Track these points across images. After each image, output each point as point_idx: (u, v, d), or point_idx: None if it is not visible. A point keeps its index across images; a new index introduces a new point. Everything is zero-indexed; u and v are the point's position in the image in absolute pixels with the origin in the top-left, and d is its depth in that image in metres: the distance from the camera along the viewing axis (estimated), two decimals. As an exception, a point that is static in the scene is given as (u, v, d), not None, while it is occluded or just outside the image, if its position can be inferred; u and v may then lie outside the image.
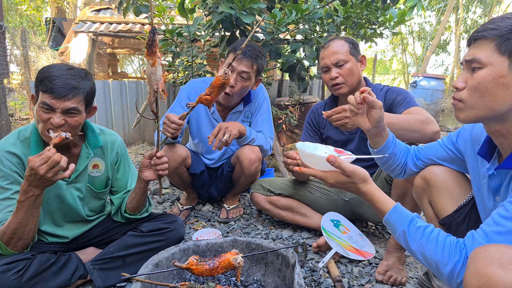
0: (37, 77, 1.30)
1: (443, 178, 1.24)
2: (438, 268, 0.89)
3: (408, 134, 1.52)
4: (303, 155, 1.07)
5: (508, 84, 0.86)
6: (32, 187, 1.18)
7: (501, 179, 0.97)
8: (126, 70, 15.73)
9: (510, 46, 0.85)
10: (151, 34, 1.10)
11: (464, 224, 1.18)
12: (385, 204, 1.00)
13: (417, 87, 7.21)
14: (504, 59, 0.86)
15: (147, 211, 1.66)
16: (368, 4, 2.84)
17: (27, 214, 1.22)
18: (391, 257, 1.54)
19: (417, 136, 1.53)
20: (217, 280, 1.37)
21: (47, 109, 1.28)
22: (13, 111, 6.35)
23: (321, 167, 1.04)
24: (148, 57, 1.15)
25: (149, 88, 1.22)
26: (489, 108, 0.89)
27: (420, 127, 1.53)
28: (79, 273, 1.41)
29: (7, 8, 11.99)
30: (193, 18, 3.00)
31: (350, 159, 1.03)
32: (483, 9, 15.15)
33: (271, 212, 2.03)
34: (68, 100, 1.28)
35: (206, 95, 1.36)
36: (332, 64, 1.79)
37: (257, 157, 2.06)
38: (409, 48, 17.56)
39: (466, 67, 0.94)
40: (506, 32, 0.85)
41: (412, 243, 0.94)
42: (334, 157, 0.98)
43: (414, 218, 0.96)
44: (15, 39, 6.17)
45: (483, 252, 0.76)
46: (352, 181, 1.01)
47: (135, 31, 5.69)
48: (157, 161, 1.41)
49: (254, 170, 2.08)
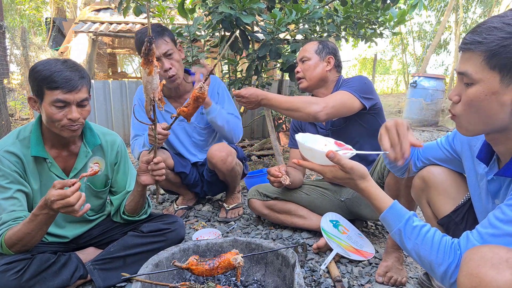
0: (36, 77, 1.28)
1: (442, 178, 1.24)
2: (432, 268, 0.89)
3: (294, 113, 1.69)
4: (302, 148, 1.06)
5: (502, 100, 0.82)
6: (47, 208, 1.18)
7: (500, 183, 0.97)
8: (126, 70, 15.73)
9: (499, 61, 0.80)
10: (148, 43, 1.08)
11: (462, 224, 1.18)
12: (383, 201, 0.99)
13: (417, 87, 7.21)
14: (495, 75, 0.82)
15: (146, 213, 1.66)
16: (368, 4, 2.84)
17: (37, 228, 1.23)
18: (390, 257, 1.54)
19: (302, 115, 1.67)
20: (217, 280, 1.37)
21: (61, 105, 1.29)
22: (13, 111, 6.35)
23: (320, 161, 1.03)
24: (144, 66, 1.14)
25: (146, 97, 1.22)
26: (485, 123, 0.87)
27: (303, 106, 1.66)
28: (79, 273, 1.41)
29: (7, 8, 11.99)
30: (193, 18, 3.00)
31: (349, 154, 1.03)
32: (483, 9, 15.15)
33: (269, 216, 2.04)
34: (80, 91, 1.31)
35: (184, 107, 1.38)
36: (298, 60, 1.98)
37: (227, 153, 2.04)
38: (409, 48, 17.57)
39: (459, 78, 0.91)
40: (494, 47, 0.80)
41: (408, 242, 0.94)
42: (333, 153, 0.98)
43: (411, 217, 0.95)
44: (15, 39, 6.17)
45: (475, 253, 0.77)
46: (350, 177, 1.01)
47: (135, 31, 5.69)
48: (154, 166, 1.42)
49: (230, 166, 2.07)
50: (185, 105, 1.39)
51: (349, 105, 1.72)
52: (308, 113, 1.65)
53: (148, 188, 2.38)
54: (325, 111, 1.65)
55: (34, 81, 1.30)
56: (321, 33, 3.07)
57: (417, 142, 1.01)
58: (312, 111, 1.64)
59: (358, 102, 1.73)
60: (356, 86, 1.76)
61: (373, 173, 1.79)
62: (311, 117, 1.66)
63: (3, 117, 3.68)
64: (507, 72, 0.80)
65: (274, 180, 1.78)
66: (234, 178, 2.21)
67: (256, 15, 2.49)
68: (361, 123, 1.84)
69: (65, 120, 1.31)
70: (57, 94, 1.27)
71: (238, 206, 2.31)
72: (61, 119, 1.31)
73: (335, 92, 1.79)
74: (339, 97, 1.72)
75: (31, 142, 1.38)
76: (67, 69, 1.30)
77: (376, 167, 1.78)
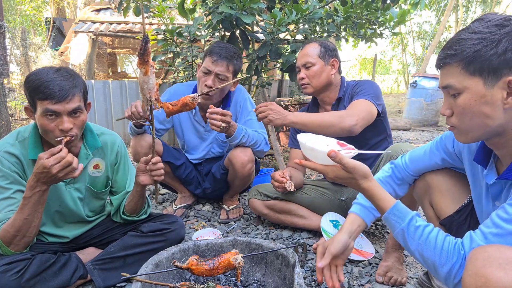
0: (28, 87, 1.27)
1: (444, 179, 1.24)
2: (435, 268, 0.89)
3: (328, 129, 1.62)
4: (304, 148, 1.06)
5: (491, 101, 0.84)
6: (40, 183, 1.19)
7: (501, 186, 0.97)
8: (126, 70, 15.73)
9: (477, 65, 0.83)
10: (143, 43, 1.08)
11: (465, 224, 1.18)
12: (385, 201, 0.99)
13: (417, 87, 7.21)
14: (477, 79, 0.84)
15: (146, 213, 1.66)
16: (368, 4, 2.84)
17: (33, 210, 1.23)
18: (390, 257, 1.54)
19: (336, 130, 1.62)
20: (217, 280, 1.37)
21: (51, 116, 1.27)
22: (13, 111, 6.35)
23: (321, 161, 1.03)
24: (140, 66, 1.14)
25: (142, 97, 1.22)
26: (483, 126, 0.88)
27: (336, 121, 1.62)
28: (79, 273, 1.41)
29: (7, 8, 11.99)
30: (193, 18, 3.00)
31: (352, 153, 1.02)
32: (483, 9, 15.15)
33: (269, 216, 2.04)
34: (70, 101, 1.28)
35: (171, 104, 1.39)
36: (301, 66, 1.92)
37: (249, 159, 2.06)
38: (409, 48, 17.57)
39: (445, 93, 0.93)
40: (467, 54, 0.84)
41: (411, 242, 0.94)
42: (335, 152, 0.97)
43: (414, 217, 0.95)
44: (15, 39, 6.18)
45: (481, 253, 0.76)
46: (352, 177, 1.00)
47: (135, 31, 5.70)
48: (152, 167, 1.42)
49: (247, 172, 2.09)
50: (173, 103, 1.40)
51: (373, 113, 1.74)
52: (343, 128, 1.61)
53: (148, 188, 2.39)
54: (360, 124, 1.64)
55: (26, 91, 1.29)
56: (321, 33, 3.07)
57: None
58: (347, 125, 1.60)
59: (375, 109, 1.75)
60: (372, 93, 1.78)
61: (376, 171, 1.79)
62: (345, 131, 1.62)
63: (3, 117, 3.68)
64: (487, 74, 0.83)
65: (279, 185, 1.78)
66: (243, 184, 2.22)
67: (256, 15, 2.49)
68: (372, 127, 1.82)
69: (57, 130, 1.28)
70: (47, 104, 1.25)
71: (238, 207, 2.31)
72: (53, 130, 1.28)
73: (356, 102, 1.75)
74: (364, 106, 1.71)
75: (29, 145, 1.38)
76: (59, 78, 1.27)
77: (378, 165, 1.78)
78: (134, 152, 2.08)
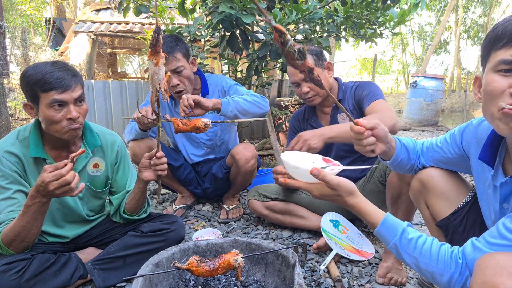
0: (28, 82, 1.27)
1: (440, 181, 1.22)
2: (434, 278, 0.88)
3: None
4: (288, 167, 1.04)
5: None
6: (39, 195, 1.18)
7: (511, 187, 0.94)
8: (126, 70, 15.73)
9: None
10: (155, 33, 1.09)
11: (460, 226, 1.17)
12: (374, 216, 0.96)
13: (417, 87, 7.21)
14: None
15: (146, 212, 1.66)
16: (368, 4, 2.83)
17: (32, 219, 1.22)
18: (390, 258, 1.54)
19: None
20: (217, 280, 1.37)
21: (59, 106, 1.29)
22: (13, 111, 6.35)
23: (306, 179, 1.01)
24: (151, 57, 1.14)
25: (152, 88, 1.22)
26: None
27: None
28: (79, 273, 1.41)
29: (7, 8, 11.99)
30: (193, 18, 3.00)
31: (336, 170, 1.00)
32: (482, 9, 15.15)
33: (269, 217, 2.04)
34: (75, 89, 1.31)
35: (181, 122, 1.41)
36: (300, 81, 1.85)
37: (253, 155, 2.07)
38: (409, 48, 17.58)
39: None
40: None
41: (405, 255, 0.92)
42: (318, 170, 0.95)
43: (405, 229, 0.93)
44: (15, 39, 6.18)
45: (491, 261, 0.73)
46: (338, 194, 0.97)
47: (135, 31, 5.70)
48: (157, 161, 1.41)
49: (250, 168, 2.09)
50: (184, 122, 1.42)
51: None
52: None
53: (148, 188, 2.39)
54: (396, 121, 1.63)
55: (27, 86, 1.29)
56: (321, 33, 3.07)
57: None
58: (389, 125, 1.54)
59: None
60: (381, 94, 1.80)
61: (375, 171, 1.79)
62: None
63: (3, 117, 3.67)
64: None
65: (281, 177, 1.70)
66: (245, 181, 2.22)
67: (256, 15, 2.49)
68: None
69: (65, 121, 1.31)
70: (53, 95, 1.27)
71: (238, 207, 2.31)
72: (61, 120, 1.30)
73: (376, 104, 1.74)
74: (387, 106, 1.71)
75: (30, 143, 1.38)
76: (58, 70, 1.29)
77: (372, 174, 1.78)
78: (132, 154, 2.08)
